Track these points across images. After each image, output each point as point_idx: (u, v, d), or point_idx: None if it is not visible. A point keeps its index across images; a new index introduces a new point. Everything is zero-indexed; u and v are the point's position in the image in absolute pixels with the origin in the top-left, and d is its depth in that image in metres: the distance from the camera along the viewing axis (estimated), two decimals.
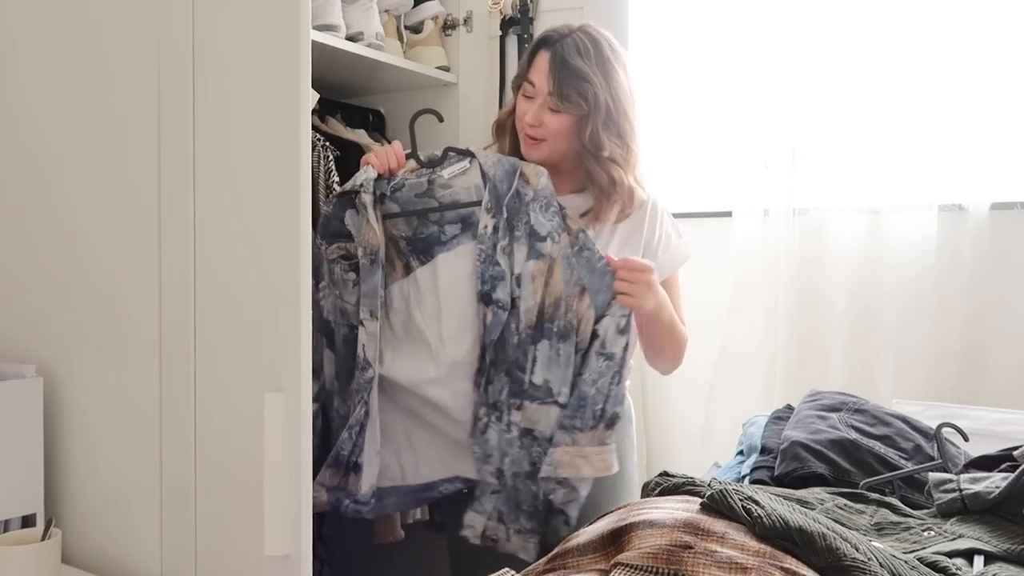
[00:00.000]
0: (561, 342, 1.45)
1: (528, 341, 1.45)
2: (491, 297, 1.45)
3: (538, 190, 1.49)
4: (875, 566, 0.82)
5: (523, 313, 1.45)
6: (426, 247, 1.49)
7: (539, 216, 1.47)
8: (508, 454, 1.46)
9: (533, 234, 1.47)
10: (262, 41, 1.24)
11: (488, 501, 1.46)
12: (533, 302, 1.45)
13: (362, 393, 1.43)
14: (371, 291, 1.45)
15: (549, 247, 1.46)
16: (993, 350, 1.87)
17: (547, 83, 1.50)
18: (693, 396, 2.18)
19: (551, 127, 1.52)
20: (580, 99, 1.49)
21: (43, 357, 1.48)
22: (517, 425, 1.45)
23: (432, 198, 1.49)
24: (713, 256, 2.18)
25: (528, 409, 1.45)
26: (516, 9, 2.00)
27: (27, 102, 1.53)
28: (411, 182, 1.50)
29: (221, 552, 1.29)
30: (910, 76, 1.96)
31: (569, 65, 1.48)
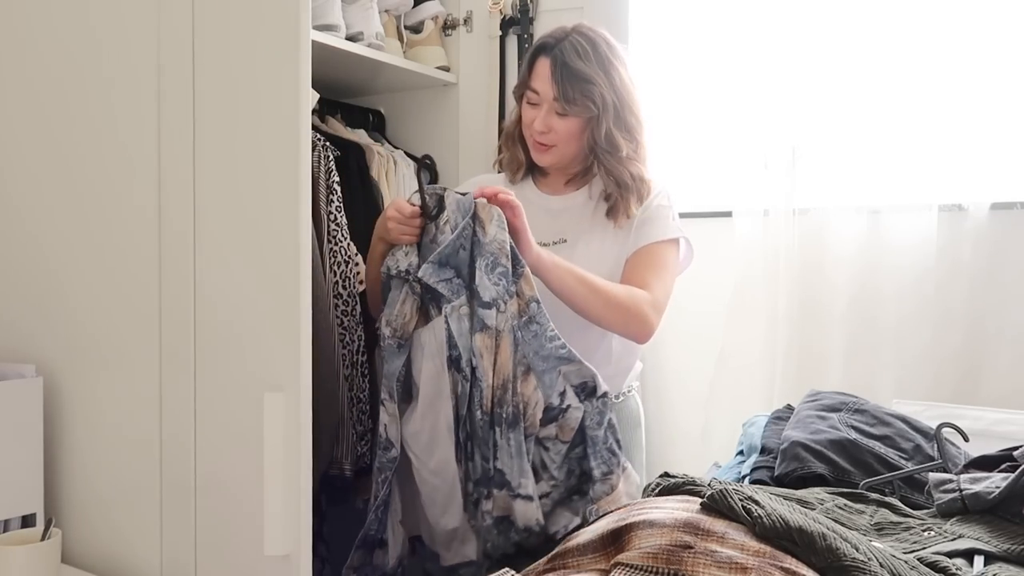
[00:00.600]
0: (511, 431, 1.32)
1: (486, 427, 1.34)
2: (458, 364, 1.34)
3: (485, 242, 1.34)
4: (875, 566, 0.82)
5: (480, 393, 1.33)
6: (435, 297, 1.39)
7: (483, 277, 1.32)
8: (489, 540, 1.37)
9: (477, 298, 1.33)
10: (262, 41, 1.24)
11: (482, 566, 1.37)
12: (487, 384, 1.33)
13: (385, 472, 1.37)
14: (392, 373, 1.37)
15: (494, 317, 1.32)
16: (993, 350, 1.87)
17: (551, 89, 1.50)
18: (693, 396, 2.18)
19: (560, 132, 1.52)
20: (587, 101, 1.49)
21: (43, 357, 1.48)
22: (490, 514, 1.35)
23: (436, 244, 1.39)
24: (713, 256, 2.17)
25: (497, 498, 1.34)
26: (516, 9, 2.00)
27: (27, 102, 1.53)
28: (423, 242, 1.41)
29: (221, 552, 1.29)
30: (910, 76, 1.96)
31: (571, 69, 1.48)
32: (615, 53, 1.54)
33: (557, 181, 1.63)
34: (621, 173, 1.54)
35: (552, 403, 1.35)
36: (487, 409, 1.33)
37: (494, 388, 1.33)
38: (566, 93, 1.48)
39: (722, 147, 2.18)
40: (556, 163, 1.56)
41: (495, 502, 1.35)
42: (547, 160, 1.56)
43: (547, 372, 1.35)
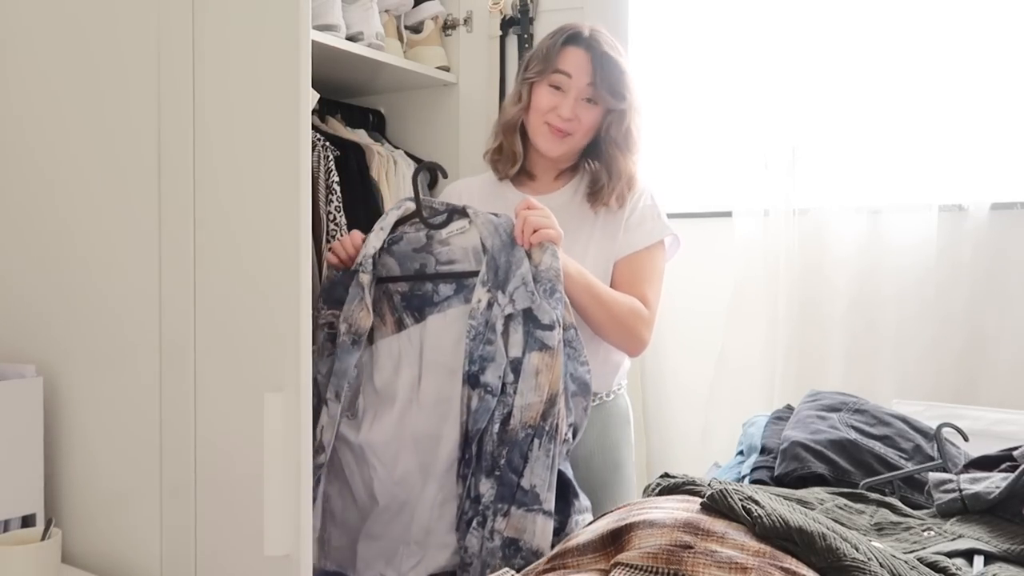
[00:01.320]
0: (551, 443, 1.33)
1: (526, 441, 1.32)
2: (479, 380, 1.35)
3: (541, 269, 1.37)
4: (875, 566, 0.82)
5: (522, 409, 1.33)
6: (420, 305, 1.44)
7: (543, 302, 1.36)
8: (489, 564, 1.32)
9: (533, 320, 1.35)
10: (262, 41, 1.24)
11: None
12: (537, 399, 1.33)
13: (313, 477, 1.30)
14: (343, 371, 1.38)
15: (554, 339, 1.34)
16: (993, 351, 1.87)
17: (587, 75, 1.50)
18: (693, 396, 2.19)
19: (585, 121, 1.53)
20: (624, 92, 1.51)
21: (43, 357, 1.48)
22: (501, 534, 1.31)
23: (430, 254, 1.44)
24: (713, 256, 2.18)
25: (514, 516, 1.31)
26: (516, 9, 2.00)
27: (27, 102, 1.53)
28: (410, 235, 1.45)
29: (221, 552, 1.29)
30: (910, 77, 1.96)
31: (611, 59, 1.51)
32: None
33: (546, 178, 1.63)
34: (621, 169, 1.55)
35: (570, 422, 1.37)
36: (533, 423, 1.32)
37: (545, 402, 1.33)
38: (605, 80, 1.49)
39: (722, 147, 2.19)
40: (567, 153, 1.56)
41: (510, 521, 1.31)
42: (561, 149, 1.55)
43: (574, 395, 1.38)
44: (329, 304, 1.45)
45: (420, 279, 1.44)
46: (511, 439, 1.33)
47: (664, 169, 2.26)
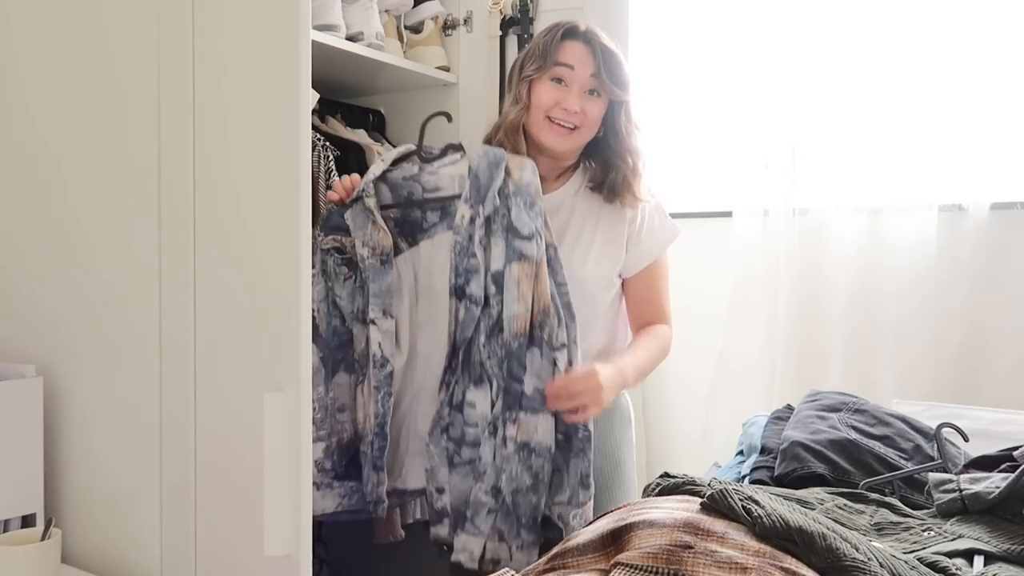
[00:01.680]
0: (551, 350, 1.40)
1: (522, 350, 1.40)
2: (464, 291, 1.43)
3: (521, 185, 1.45)
4: (875, 566, 0.82)
5: (509, 320, 1.40)
6: (412, 231, 1.51)
7: (522, 213, 1.43)
8: (505, 470, 1.39)
9: (513, 231, 1.43)
10: (262, 41, 1.24)
11: (484, 521, 1.39)
12: (523, 308, 1.40)
13: (384, 388, 1.43)
14: (384, 290, 1.45)
15: (534, 249, 1.41)
16: (993, 350, 1.87)
17: (589, 66, 1.50)
18: (693, 396, 2.19)
19: (591, 113, 1.53)
20: (627, 83, 1.53)
21: (43, 357, 1.48)
22: (514, 440, 1.39)
23: (417, 182, 1.51)
24: (713, 256, 2.18)
25: (523, 421, 1.39)
26: (516, 9, 2.00)
27: (27, 102, 1.53)
28: (404, 166, 1.53)
29: (221, 552, 1.29)
30: (910, 76, 1.96)
31: (610, 50, 1.52)
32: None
33: (549, 177, 1.63)
34: (638, 159, 1.56)
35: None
36: (524, 331, 1.39)
37: (534, 312, 1.40)
38: (608, 71, 1.50)
39: (722, 147, 2.19)
40: (574, 148, 1.56)
41: (520, 426, 1.39)
42: (567, 144, 1.54)
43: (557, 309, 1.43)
44: (327, 231, 1.50)
45: (408, 205, 1.51)
46: (508, 350, 1.40)
47: (664, 169, 2.25)
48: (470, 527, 1.40)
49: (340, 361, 1.48)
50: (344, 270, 1.48)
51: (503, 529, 1.40)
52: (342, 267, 1.49)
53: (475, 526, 1.39)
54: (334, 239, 1.49)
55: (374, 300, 1.45)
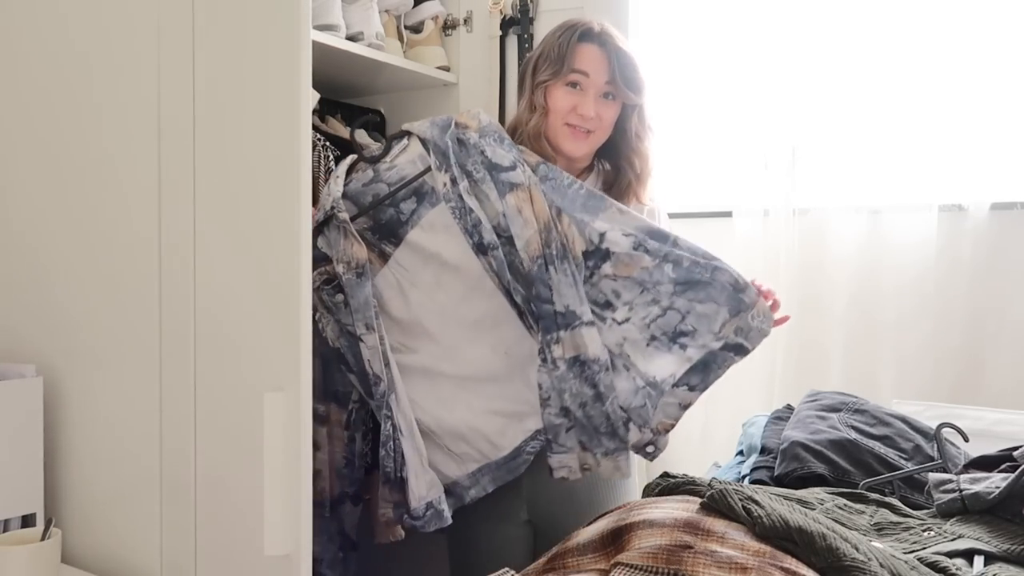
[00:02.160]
0: (563, 263, 1.43)
1: (542, 271, 1.42)
2: (483, 245, 1.45)
3: (483, 127, 1.50)
4: (875, 566, 0.82)
5: (523, 248, 1.43)
6: (391, 230, 1.50)
7: (496, 149, 1.47)
8: (565, 390, 1.43)
9: (495, 168, 1.46)
10: (262, 41, 1.24)
11: (568, 439, 1.44)
12: (531, 231, 1.43)
13: (382, 408, 1.42)
14: (362, 304, 1.43)
15: (521, 175, 1.45)
16: (993, 350, 1.87)
17: (604, 72, 1.51)
18: None
19: (606, 117, 1.54)
20: (641, 85, 1.54)
21: (43, 357, 1.48)
22: (563, 359, 1.42)
23: (378, 182, 1.51)
24: None
25: (564, 338, 1.42)
26: (516, 9, 2.00)
27: (27, 102, 1.53)
28: (358, 176, 1.52)
29: (221, 552, 1.29)
30: (910, 76, 1.96)
31: (626, 54, 1.52)
32: None
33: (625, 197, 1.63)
34: (650, 163, 1.58)
35: (592, 241, 1.45)
36: (539, 253, 1.42)
37: (540, 231, 1.43)
38: (623, 75, 1.51)
39: (722, 147, 2.18)
40: (589, 152, 1.58)
41: (563, 344, 1.42)
42: (585, 149, 1.55)
43: (576, 212, 1.45)
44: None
45: (377, 207, 1.50)
46: (530, 276, 1.42)
47: (664, 169, 2.25)
48: (556, 447, 1.45)
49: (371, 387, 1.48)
50: (340, 297, 1.47)
51: (584, 440, 1.45)
52: (337, 296, 1.47)
53: (561, 445, 1.45)
54: (319, 273, 1.46)
55: (356, 316, 1.43)
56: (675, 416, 1.47)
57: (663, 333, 1.44)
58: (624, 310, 1.45)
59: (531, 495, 1.56)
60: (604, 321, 1.45)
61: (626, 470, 1.46)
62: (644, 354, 1.45)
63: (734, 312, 1.44)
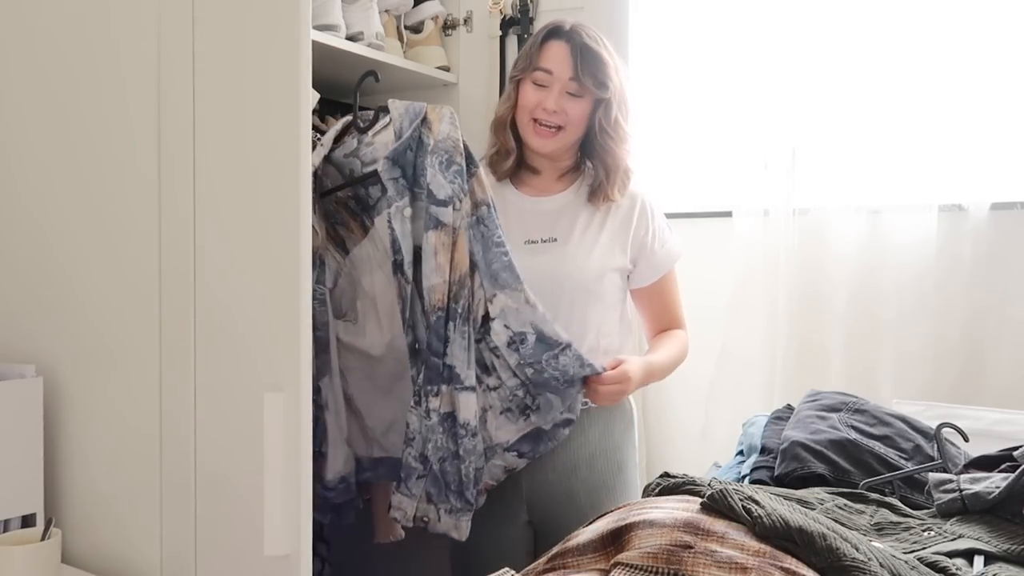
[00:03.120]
0: (464, 324, 1.38)
1: (440, 323, 1.37)
2: (401, 267, 1.41)
3: (438, 141, 1.38)
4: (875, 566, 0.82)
5: (428, 291, 1.37)
6: (364, 210, 1.50)
7: (438, 175, 1.36)
8: (430, 440, 1.41)
9: (430, 195, 1.37)
10: (262, 41, 1.24)
11: (415, 485, 1.43)
12: (441, 280, 1.37)
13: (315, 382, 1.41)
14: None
15: (450, 215, 1.35)
16: (993, 350, 1.87)
17: (568, 69, 1.51)
18: (693, 396, 2.18)
19: (572, 113, 1.53)
20: (605, 81, 1.52)
21: (43, 357, 1.48)
22: (437, 412, 1.40)
23: (356, 157, 1.49)
24: (713, 256, 2.17)
25: (444, 393, 1.40)
26: (516, 9, 2.00)
27: (26, 102, 1.53)
28: (346, 141, 1.51)
29: (221, 552, 1.29)
30: (910, 76, 1.96)
31: (590, 50, 1.52)
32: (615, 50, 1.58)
33: (549, 178, 1.62)
34: (617, 159, 1.56)
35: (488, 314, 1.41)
36: (442, 305, 1.37)
37: (451, 283, 1.37)
38: (586, 71, 1.51)
39: (722, 147, 2.18)
40: (558, 150, 1.57)
41: (442, 398, 1.40)
42: (551, 146, 1.55)
43: (487, 275, 1.39)
44: None
45: (354, 183, 1.48)
46: (428, 322, 1.38)
47: (664, 169, 2.25)
48: (404, 489, 1.43)
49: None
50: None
51: (432, 493, 1.44)
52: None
53: (408, 488, 1.43)
54: None
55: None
56: (497, 478, 1.49)
57: (517, 407, 1.46)
58: (494, 379, 1.45)
59: (531, 497, 1.56)
60: (480, 384, 1.44)
61: (464, 532, 1.44)
62: (496, 421, 1.46)
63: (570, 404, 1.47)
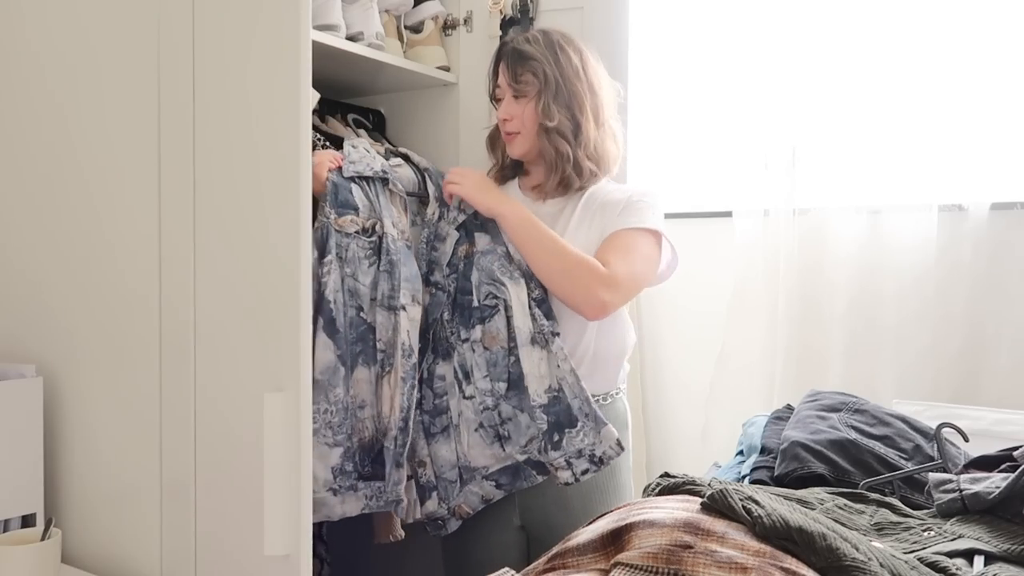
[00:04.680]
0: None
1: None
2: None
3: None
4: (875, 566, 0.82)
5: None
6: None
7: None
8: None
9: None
10: (262, 41, 1.24)
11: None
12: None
13: (409, 380, 1.43)
14: (413, 275, 1.47)
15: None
16: (993, 350, 1.87)
17: (505, 75, 1.60)
18: (693, 396, 2.18)
19: (519, 115, 1.59)
20: (531, 76, 1.57)
21: (43, 357, 1.48)
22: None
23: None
24: (713, 256, 2.18)
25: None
26: (516, 9, 2.00)
27: (27, 104, 1.53)
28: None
29: (221, 552, 1.29)
30: (910, 76, 1.96)
31: (519, 51, 1.59)
32: (573, 47, 1.60)
33: (550, 183, 1.63)
34: (547, 149, 1.58)
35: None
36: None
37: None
38: (515, 72, 1.58)
39: (722, 147, 2.19)
40: (525, 152, 1.61)
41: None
42: (516, 150, 1.62)
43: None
44: (338, 209, 1.45)
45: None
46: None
47: (664, 169, 2.25)
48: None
49: (358, 355, 1.43)
50: (369, 254, 1.45)
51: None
52: (368, 251, 1.45)
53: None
54: (352, 220, 1.44)
55: (405, 285, 1.44)
56: (475, 507, 1.51)
57: (489, 424, 1.48)
58: (471, 388, 1.48)
59: (523, 502, 1.56)
60: (459, 388, 1.49)
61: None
62: (470, 437, 1.49)
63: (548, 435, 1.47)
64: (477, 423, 1.49)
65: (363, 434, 1.44)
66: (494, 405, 1.48)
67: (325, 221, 1.42)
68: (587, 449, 1.45)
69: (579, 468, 1.45)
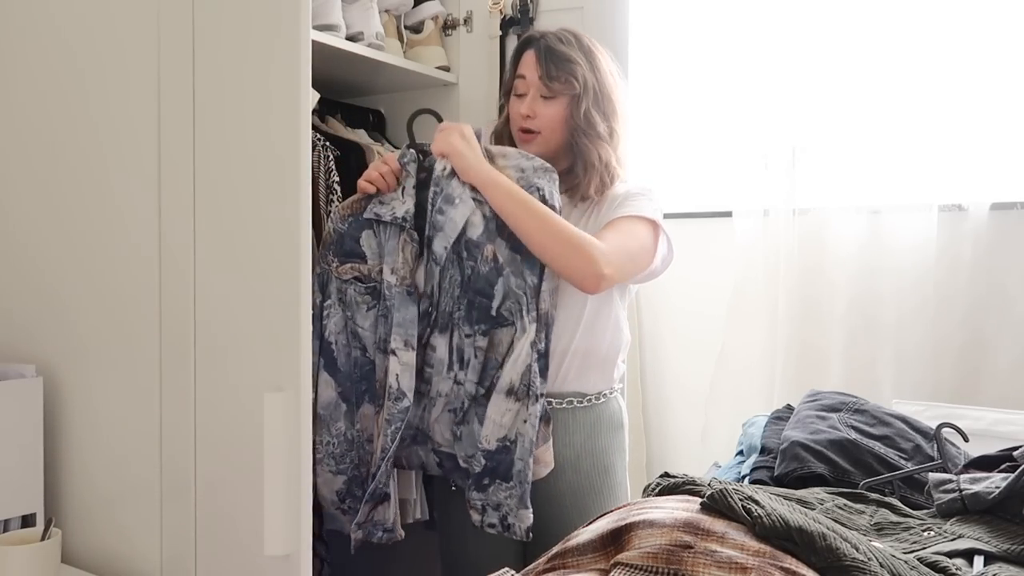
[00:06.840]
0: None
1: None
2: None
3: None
4: (875, 566, 0.82)
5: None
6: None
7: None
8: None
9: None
10: (262, 41, 1.24)
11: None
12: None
13: (395, 423, 1.42)
14: (408, 321, 1.44)
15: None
16: (993, 350, 1.87)
17: (536, 71, 1.54)
18: (693, 396, 2.19)
19: (545, 116, 1.54)
20: (570, 79, 1.53)
21: (43, 357, 1.48)
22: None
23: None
24: (713, 256, 2.18)
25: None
26: (516, 9, 2.00)
27: (27, 103, 1.53)
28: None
29: (221, 552, 1.29)
30: (910, 76, 1.96)
31: (555, 51, 1.54)
32: (597, 48, 1.58)
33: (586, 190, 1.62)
34: (590, 153, 1.55)
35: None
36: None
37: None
38: (550, 72, 1.53)
39: (722, 147, 2.19)
40: (542, 154, 1.57)
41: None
42: (532, 151, 1.56)
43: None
44: (342, 258, 1.49)
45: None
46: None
47: (664, 169, 2.26)
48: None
49: (364, 392, 1.49)
50: (367, 299, 1.48)
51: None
52: (365, 296, 1.48)
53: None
54: (352, 267, 1.48)
55: (397, 330, 1.43)
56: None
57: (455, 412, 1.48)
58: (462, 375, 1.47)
59: None
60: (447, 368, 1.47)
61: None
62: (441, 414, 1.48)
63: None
64: (448, 406, 1.48)
65: (372, 465, 1.48)
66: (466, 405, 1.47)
67: (326, 268, 1.48)
68: (504, 509, 1.44)
69: (488, 519, 1.44)
